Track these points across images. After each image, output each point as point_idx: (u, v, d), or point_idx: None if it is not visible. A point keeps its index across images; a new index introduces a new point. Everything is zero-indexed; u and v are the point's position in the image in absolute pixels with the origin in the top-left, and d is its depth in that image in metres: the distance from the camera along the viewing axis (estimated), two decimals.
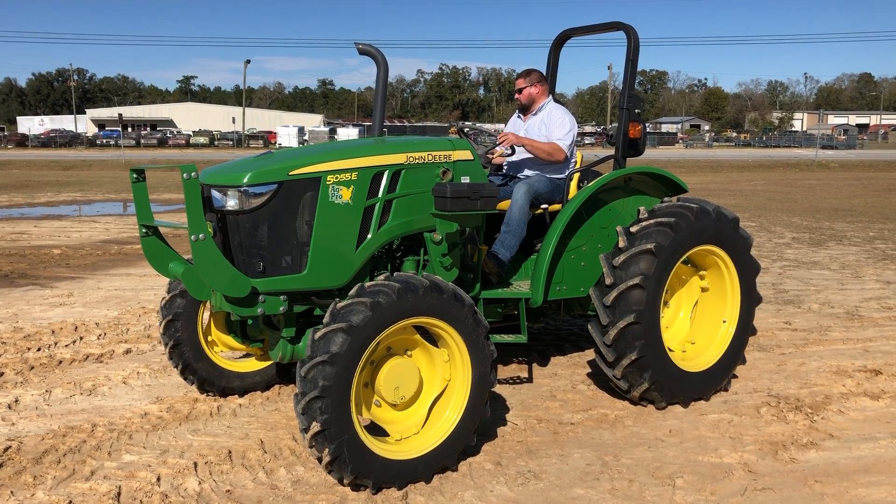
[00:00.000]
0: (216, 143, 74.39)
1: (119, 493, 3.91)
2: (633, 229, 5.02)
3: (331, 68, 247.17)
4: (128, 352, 6.46)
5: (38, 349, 6.48)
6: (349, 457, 3.78)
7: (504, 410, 5.13)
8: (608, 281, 4.93)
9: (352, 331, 3.71)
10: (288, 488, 4.02)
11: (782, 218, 16.73)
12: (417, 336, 4.11)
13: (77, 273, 10.15)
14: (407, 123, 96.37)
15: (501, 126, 5.90)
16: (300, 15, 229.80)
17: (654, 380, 4.95)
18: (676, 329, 5.68)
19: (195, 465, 4.25)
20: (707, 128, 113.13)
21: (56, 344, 6.64)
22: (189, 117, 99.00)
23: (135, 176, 4.48)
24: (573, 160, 5.69)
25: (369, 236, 4.39)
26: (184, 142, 74.07)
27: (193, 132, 79.35)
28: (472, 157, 4.78)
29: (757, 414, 5.08)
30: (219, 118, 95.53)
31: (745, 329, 5.49)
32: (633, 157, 5.76)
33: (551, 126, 5.55)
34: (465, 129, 5.88)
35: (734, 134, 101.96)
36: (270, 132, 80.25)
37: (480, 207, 4.40)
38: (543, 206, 5.40)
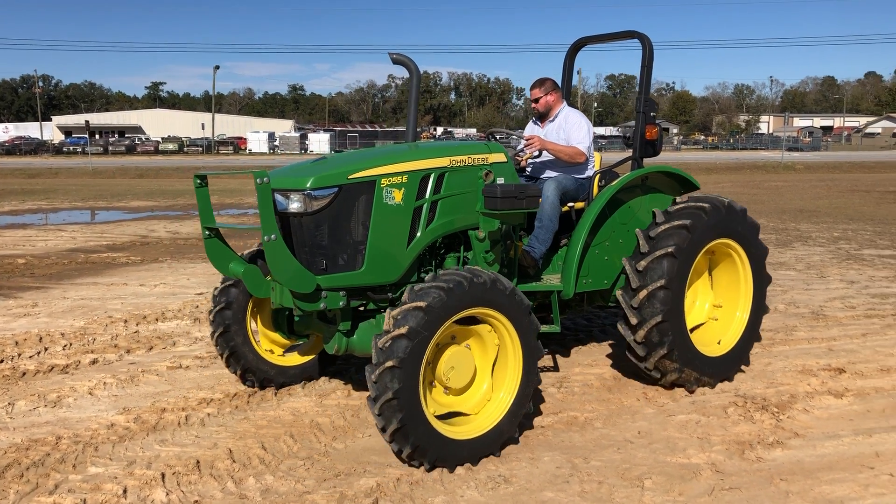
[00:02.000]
0: (185, 149, 73.72)
1: None
2: (651, 233, 5.38)
3: (301, 73, 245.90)
4: (94, 362, 6.37)
5: (1, 361, 6.36)
6: (412, 429, 4.05)
7: None
8: (634, 284, 5.27)
9: (428, 310, 4.05)
10: (257, 497, 3.99)
11: None
12: (474, 327, 4.45)
13: (42, 283, 9.99)
14: (378, 129, 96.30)
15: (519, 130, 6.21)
16: (270, 20, 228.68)
17: (671, 348, 5.28)
18: (694, 316, 5.94)
19: (162, 475, 4.20)
20: (675, 131, 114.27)
21: (20, 355, 6.52)
22: (158, 124, 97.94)
23: (198, 181, 4.78)
24: (592, 160, 6.00)
25: (418, 235, 4.74)
26: (152, 148, 73.26)
27: (162, 139, 78.58)
28: (505, 160, 5.15)
29: (724, 414, 5.14)
30: (188, 124, 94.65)
31: (759, 310, 5.95)
32: (650, 157, 6.14)
33: (569, 131, 5.87)
34: (496, 134, 6.13)
35: (702, 137, 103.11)
36: (241, 138, 79.74)
37: (526, 206, 4.82)
38: (570, 203, 5.74)
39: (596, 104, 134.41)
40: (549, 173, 5.90)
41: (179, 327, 7.56)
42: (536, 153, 5.91)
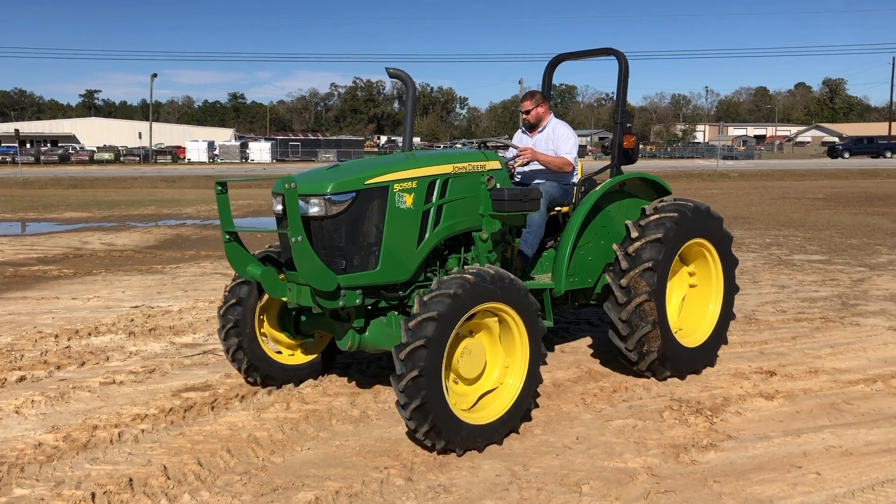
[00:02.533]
0: (122, 159, 71.92)
1: None
2: (642, 222, 5.90)
3: (242, 82, 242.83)
4: (21, 379, 6.15)
5: None
6: (432, 408, 4.35)
7: None
8: (624, 265, 5.76)
9: (455, 297, 4.42)
10: None
11: None
12: (485, 321, 4.81)
13: None
14: (321, 137, 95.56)
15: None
16: (210, 27, 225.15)
17: (661, 352, 5.76)
18: (670, 312, 6.20)
19: (93, 495, 4.08)
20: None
21: None
22: (93, 133, 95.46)
23: (219, 188, 5.06)
24: (576, 168, 6.44)
25: (426, 237, 5.09)
26: (87, 158, 71.28)
27: (98, 148, 76.48)
28: (500, 167, 5.54)
29: (660, 418, 5.24)
30: (124, 133, 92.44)
31: (727, 314, 6.43)
32: (627, 164, 6.61)
33: (557, 141, 6.32)
34: (489, 144, 6.37)
35: (641, 146, 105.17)
36: (179, 147, 78.22)
37: (529, 208, 5.30)
38: (557, 208, 6.21)
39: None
40: (536, 180, 6.32)
41: (113, 342, 7.37)
42: (526, 161, 6.26)
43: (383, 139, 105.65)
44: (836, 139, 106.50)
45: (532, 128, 6.53)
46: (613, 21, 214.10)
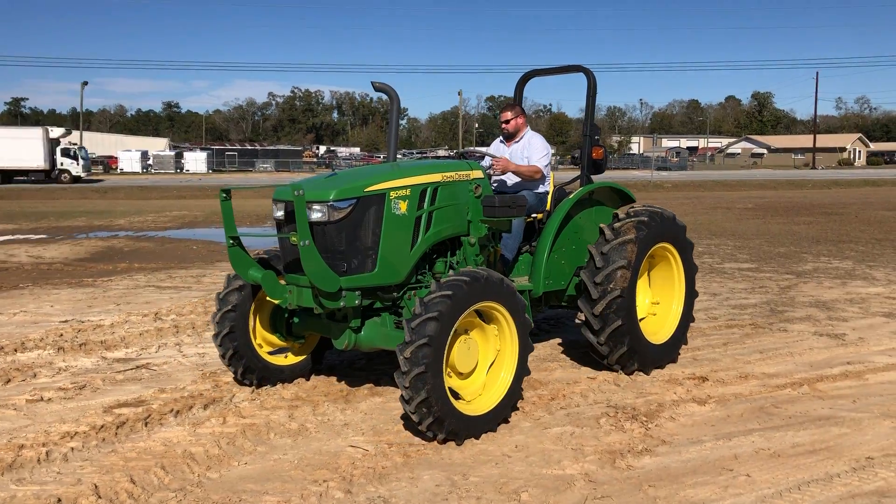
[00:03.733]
0: None
1: None
2: (616, 225, 6.32)
3: (177, 90, 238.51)
4: None
5: None
6: (436, 402, 4.66)
7: (355, 436, 5.11)
8: (599, 264, 6.16)
9: (454, 298, 4.74)
10: None
11: None
12: (475, 319, 5.13)
13: None
14: (259, 147, 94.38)
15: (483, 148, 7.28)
16: (144, 35, 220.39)
17: (630, 346, 6.20)
18: (638, 311, 6.58)
19: (58, 501, 3.93)
20: (553, 151, 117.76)
21: None
22: None
23: (223, 195, 5.29)
24: (548, 177, 6.86)
25: (419, 241, 5.44)
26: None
27: None
28: (482, 176, 5.92)
29: (597, 424, 5.33)
30: None
31: (688, 316, 6.92)
32: (596, 174, 7.18)
33: (532, 151, 6.71)
34: (466, 154, 6.82)
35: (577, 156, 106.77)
36: (112, 157, 76.31)
37: (516, 214, 5.74)
38: (533, 215, 6.63)
39: (477, 125, 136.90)
40: (509, 189, 6.70)
41: (41, 357, 7.13)
42: (499, 172, 6.61)
43: (322, 149, 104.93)
44: (764, 151, 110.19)
45: (509, 138, 6.92)
46: (553, 34, 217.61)
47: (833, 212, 24.98)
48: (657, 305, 6.93)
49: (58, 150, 49.91)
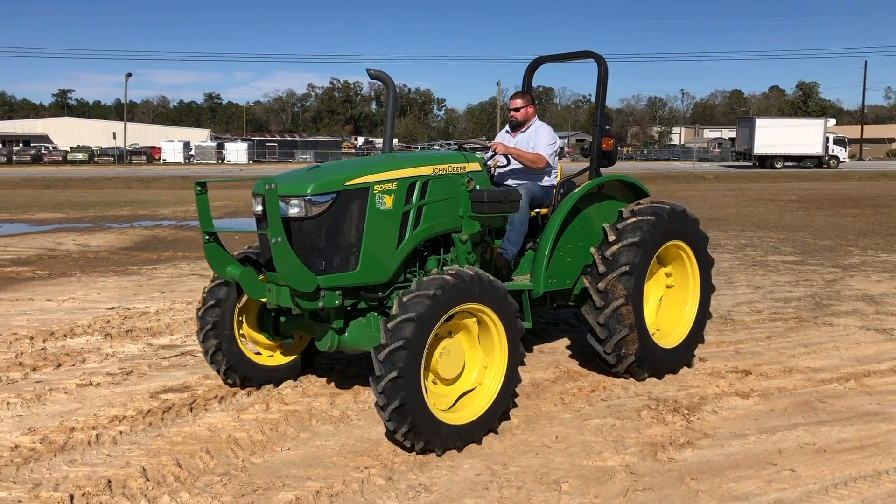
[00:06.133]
0: (96, 159, 71.17)
1: None
2: (619, 226, 5.92)
3: (219, 82, 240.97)
4: None
5: None
6: (411, 409, 4.36)
7: None
8: (601, 269, 5.78)
9: (434, 298, 4.42)
10: None
11: None
12: (461, 322, 4.82)
13: None
14: (298, 138, 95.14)
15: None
16: (186, 27, 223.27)
17: (639, 354, 5.82)
18: (648, 314, 6.26)
19: (71, 497, 4.05)
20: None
21: None
22: (66, 133, 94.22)
23: (198, 188, 5.06)
24: (555, 169, 6.47)
25: (406, 238, 5.13)
26: (60, 158, 70.44)
27: (71, 148, 75.53)
28: (480, 169, 5.63)
29: (638, 417, 5.30)
30: (98, 133, 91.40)
31: (703, 315, 6.48)
32: (607, 167, 6.71)
33: (538, 141, 6.33)
34: (466, 146, 6.34)
35: (619, 148, 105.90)
36: (154, 147, 77.50)
37: (508, 210, 5.36)
38: (536, 210, 6.19)
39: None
40: (512, 181, 6.34)
41: (90, 343, 7.30)
42: (505, 162, 6.30)
43: (360, 140, 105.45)
44: None
45: (516, 127, 6.55)
46: (591, 23, 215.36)
47: (881, 204, 24.41)
48: (670, 306, 6.53)
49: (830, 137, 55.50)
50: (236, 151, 74.80)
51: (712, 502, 4.06)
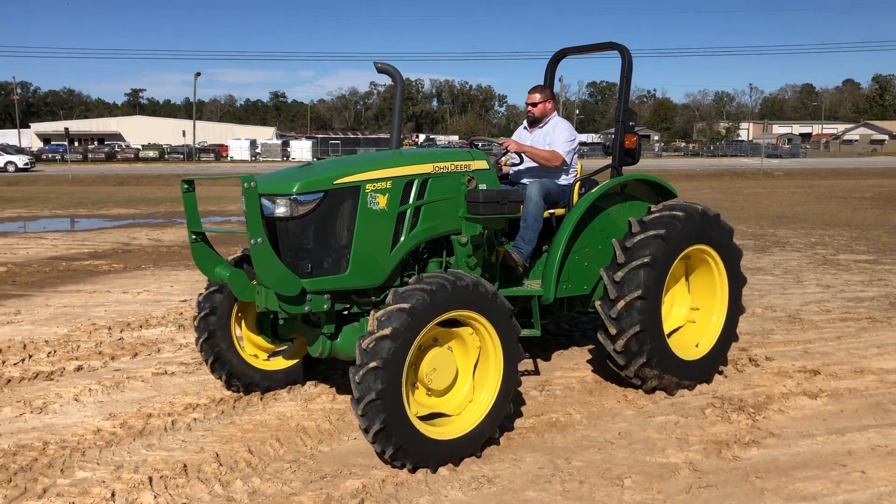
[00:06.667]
0: (166, 156, 73.34)
1: None
2: (646, 218, 5.58)
3: (284, 80, 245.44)
4: (79, 369, 6.39)
5: None
6: (395, 430, 4.12)
7: None
8: (620, 259, 5.41)
9: (412, 311, 4.14)
10: (244, 499, 4.05)
11: None
12: (455, 330, 4.54)
13: (24, 290, 9.96)
14: (361, 136, 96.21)
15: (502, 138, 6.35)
16: (252, 27, 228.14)
17: (650, 356, 5.40)
18: (672, 320, 6.05)
19: (150, 479, 4.25)
20: (657, 138, 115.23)
21: (4, 363, 6.53)
22: (138, 131, 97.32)
23: (185, 187, 4.92)
24: (574, 168, 6.11)
25: (402, 239, 4.83)
26: (133, 156, 72.88)
27: (143, 146, 78.08)
28: (487, 167, 5.26)
29: (702, 415, 5.26)
30: (169, 131, 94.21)
31: (730, 332, 6.06)
32: (629, 165, 6.28)
33: (555, 137, 6.00)
34: (477, 143, 6.20)
35: (683, 143, 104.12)
36: (222, 145, 79.45)
37: (507, 211, 4.95)
38: (550, 210, 5.85)
39: (578, 111, 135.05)
40: (527, 180, 6.02)
41: (164, 334, 7.59)
42: (518, 160, 6.07)
43: (422, 137, 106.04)
44: (885, 137, 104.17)
45: (534, 123, 6.22)
46: (655, 17, 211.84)
47: None
48: (696, 312, 6.11)
49: None
50: (301, 149, 76.14)
51: (778, 501, 4.02)
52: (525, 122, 6.38)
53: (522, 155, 5.99)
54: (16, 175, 43.29)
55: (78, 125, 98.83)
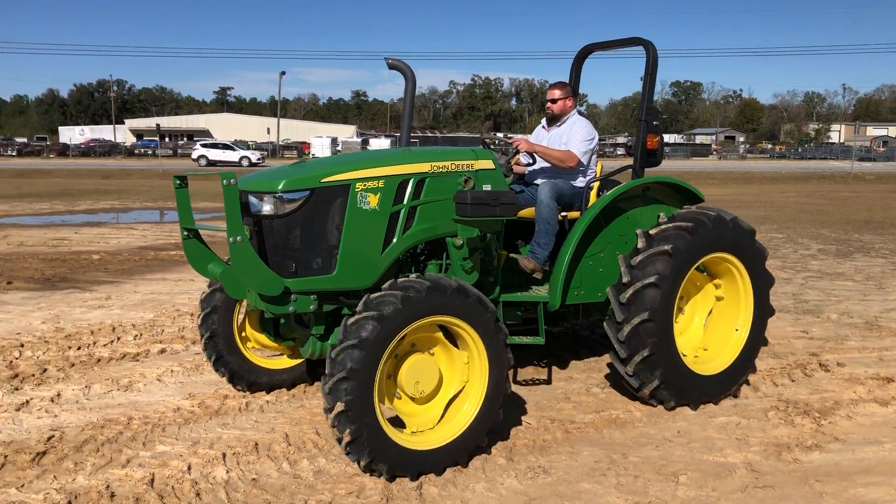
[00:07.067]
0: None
1: (153, 480, 4.19)
2: (652, 232, 5.26)
3: (365, 79, 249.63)
4: (162, 351, 6.77)
5: (79, 348, 6.82)
6: (367, 440, 4.02)
7: (520, 411, 5.33)
8: (625, 279, 5.12)
9: (382, 319, 3.98)
10: (310, 478, 4.26)
11: (811, 230, 16.68)
12: (440, 335, 4.37)
13: (115, 277, 10.55)
14: (439, 134, 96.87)
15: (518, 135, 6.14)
16: (336, 27, 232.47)
17: (664, 378, 5.14)
18: (691, 334, 5.86)
19: (223, 455, 4.51)
20: (742, 139, 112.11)
21: (95, 343, 6.97)
22: (225, 127, 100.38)
23: (178, 182, 4.87)
24: (591, 170, 5.88)
25: (394, 240, 4.65)
26: None
27: (229, 143, 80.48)
28: (493, 167, 5.03)
29: (765, 417, 5.22)
30: (254, 129, 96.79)
31: (757, 338, 5.67)
32: (651, 167, 5.98)
33: (571, 137, 5.77)
34: (488, 141, 6.08)
35: (769, 145, 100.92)
36: (304, 143, 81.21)
37: (499, 213, 4.65)
38: (563, 213, 5.62)
39: (661, 111, 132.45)
40: (541, 180, 5.81)
41: None
42: (528, 160, 5.92)
43: (500, 135, 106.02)
44: None
45: (552, 120, 5.99)
46: (739, 12, 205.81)
47: None
48: (717, 326, 5.78)
49: None
50: (380, 146, 77.03)
51: None
52: (544, 121, 6.19)
53: (535, 155, 5.82)
54: (111, 169, 45.34)
55: (169, 121, 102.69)
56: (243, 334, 5.59)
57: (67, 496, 3.98)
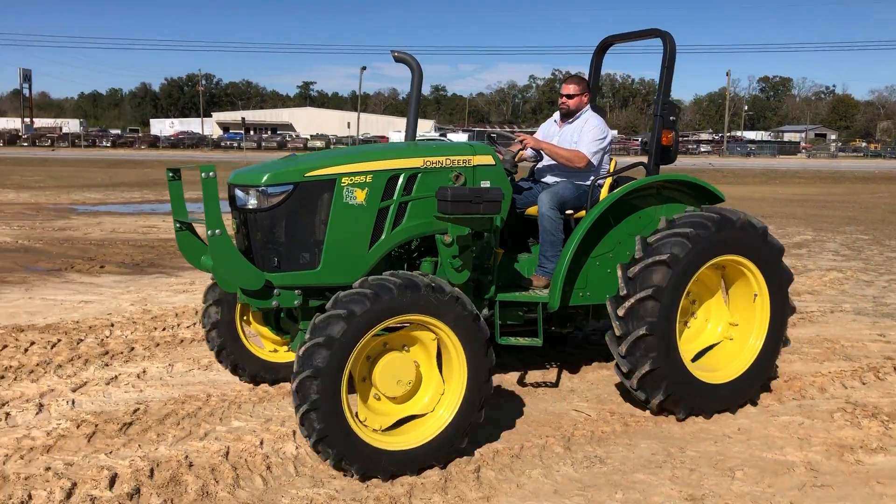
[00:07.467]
0: (332, 146, 77.00)
1: (227, 452, 4.47)
2: (649, 240, 5.01)
3: (445, 74, 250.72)
4: None
5: (164, 329, 7.23)
6: (335, 439, 3.97)
7: (580, 402, 5.43)
8: (623, 292, 4.93)
9: (351, 317, 3.92)
10: None
11: None
12: (416, 333, 4.27)
13: None
14: (516, 129, 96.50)
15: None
16: (417, 22, 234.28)
17: (669, 391, 4.94)
18: (705, 338, 5.62)
19: (294, 433, 4.75)
20: (833, 137, 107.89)
21: (179, 325, 7.38)
22: (307, 121, 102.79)
23: (171, 174, 4.91)
24: (603, 169, 5.70)
25: (383, 237, 4.58)
26: (301, 145, 77.06)
27: (311, 136, 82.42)
28: (493, 162, 4.88)
29: (830, 418, 5.16)
30: (335, 123, 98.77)
31: (776, 340, 5.40)
32: (665, 164, 5.73)
33: (583, 135, 5.58)
34: (493, 136, 5.90)
35: (863, 144, 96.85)
36: (383, 137, 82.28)
37: (483, 211, 4.47)
38: (568, 211, 5.47)
39: (746, 107, 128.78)
40: (553, 177, 5.72)
41: None
42: (532, 155, 5.80)
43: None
44: None
45: (566, 116, 5.80)
46: (835, 4, 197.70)
47: None
48: (732, 332, 5.52)
49: None
50: (458, 141, 77.44)
51: None
52: (556, 115, 5.99)
53: (542, 152, 5.65)
54: (199, 160, 46.99)
55: (253, 115, 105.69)
56: (248, 327, 5.60)
57: (150, 463, 4.28)
